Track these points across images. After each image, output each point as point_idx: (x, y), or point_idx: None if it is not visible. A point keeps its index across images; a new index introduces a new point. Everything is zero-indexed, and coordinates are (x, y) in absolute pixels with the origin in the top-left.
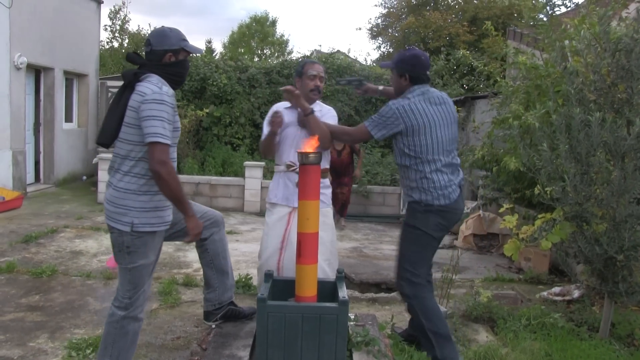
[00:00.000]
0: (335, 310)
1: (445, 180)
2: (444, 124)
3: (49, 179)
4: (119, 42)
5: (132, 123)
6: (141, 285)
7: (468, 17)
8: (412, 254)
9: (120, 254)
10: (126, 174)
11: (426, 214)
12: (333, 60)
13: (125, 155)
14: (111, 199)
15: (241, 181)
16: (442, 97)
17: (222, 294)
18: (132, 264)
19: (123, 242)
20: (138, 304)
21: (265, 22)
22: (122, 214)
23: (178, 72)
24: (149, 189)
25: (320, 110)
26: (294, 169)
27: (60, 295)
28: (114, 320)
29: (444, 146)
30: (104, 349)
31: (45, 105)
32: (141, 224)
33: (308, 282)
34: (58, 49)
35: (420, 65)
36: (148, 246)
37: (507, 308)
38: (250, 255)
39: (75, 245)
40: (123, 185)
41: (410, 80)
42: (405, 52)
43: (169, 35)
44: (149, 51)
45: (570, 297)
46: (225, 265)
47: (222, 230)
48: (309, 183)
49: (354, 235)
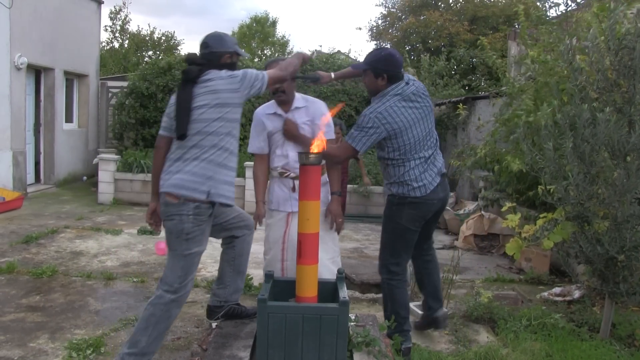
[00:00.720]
0: (335, 310)
1: (422, 173)
2: (421, 119)
3: (49, 179)
4: (120, 42)
5: (215, 104)
6: (192, 272)
7: (468, 16)
8: (390, 244)
9: (178, 241)
10: (212, 148)
11: (399, 206)
12: (334, 60)
13: (210, 132)
14: (191, 169)
15: (241, 181)
16: (418, 91)
17: (231, 293)
18: (188, 251)
19: (184, 228)
20: (187, 290)
21: (266, 22)
22: (200, 183)
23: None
24: (227, 163)
25: (305, 105)
26: (287, 175)
27: (60, 296)
28: (162, 302)
29: (423, 141)
30: (145, 328)
31: (45, 105)
32: (217, 194)
33: (308, 283)
34: (58, 49)
35: (396, 63)
36: (205, 234)
37: (508, 308)
38: (252, 256)
39: (75, 246)
40: (207, 157)
41: (388, 80)
42: (379, 51)
43: (226, 39)
44: (208, 52)
45: (571, 297)
46: (244, 267)
47: (252, 233)
48: (310, 183)
49: (354, 235)
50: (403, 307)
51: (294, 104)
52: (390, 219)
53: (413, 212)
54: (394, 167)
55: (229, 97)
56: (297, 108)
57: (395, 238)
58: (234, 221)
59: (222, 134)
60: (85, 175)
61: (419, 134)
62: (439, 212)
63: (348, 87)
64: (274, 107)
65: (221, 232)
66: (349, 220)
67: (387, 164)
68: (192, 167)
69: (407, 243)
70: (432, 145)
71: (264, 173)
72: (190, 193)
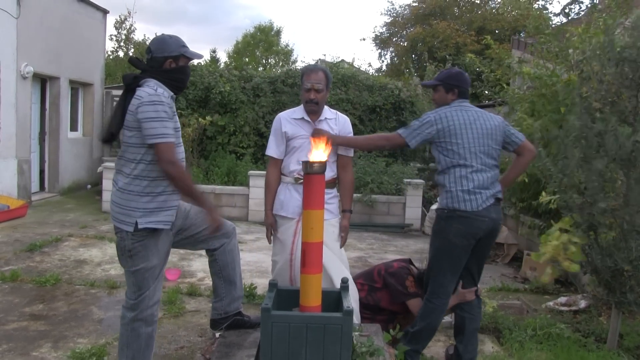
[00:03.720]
0: (339, 320)
1: (474, 187)
2: (477, 132)
3: (53, 187)
4: (125, 51)
5: (131, 126)
6: (145, 288)
7: (475, 27)
8: (436, 262)
9: (123, 257)
10: (128, 176)
11: (448, 220)
12: (337, 69)
13: (129, 158)
14: (116, 200)
15: (246, 190)
16: (480, 112)
17: (228, 304)
18: (134, 267)
19: (125, 245)
20: (144, 306)
21: (270, 31)
22: (126, 215)
23: (179, 78)
24: (151, 191)
25: (335, 118)
26: (302, 182)
27: (63, 304)
28: (125, 322)
29: (477, 153)
30: (120, 350)
31: (50, 114)
32: (145, 222)
33: (313, 292)
34: (64, 58)
35: (466, 80)
36: (149, 250)
37: (513, 318)
38: (255, 265)
39: (79, 254)
40: (126, 187)
41: (458, 94)
42: (450, 69)
43: (168, 42)
44: (150, 58)
45: (577, 307)
46: (233, 276)
47: (234, 240)
48: (313, 192)
49: (358, 244)
50: (430, 331)
51: (323, 115)
52: (438, 235)
53: (461, 227)
54: (444, 174)
55: (130, 119)
56: (327, 119)
57: (442, 255)
58: (207, 232)
59: (134, 160)
60: (90, 184)
61: (472, 142)
62: (489, 238)
63: (352, 96)
64: (302, 113)
65: (196, 245)
66: (353, 229)
67: (439, 172)
68: (117, 197)
69: (454, 262)
70: (489, 164)
71: (277, 179)
72: (119, 224)
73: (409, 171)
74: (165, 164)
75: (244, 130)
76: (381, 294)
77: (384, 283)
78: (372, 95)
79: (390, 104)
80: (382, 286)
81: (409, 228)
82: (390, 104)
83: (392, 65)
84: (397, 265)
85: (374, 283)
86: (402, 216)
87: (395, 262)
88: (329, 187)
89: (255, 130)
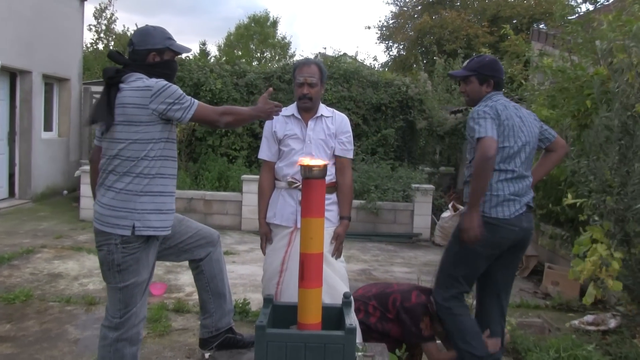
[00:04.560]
0: (341, 339)
1: (509, 193)
2: (527, 133)
3: (25, 193)
4: (105, 43)
5: (134, 121)
6: (133, 305)
7: (489, 15)
8: (450, 266)
9: (110, 273)
10: (126, 175)
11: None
12: (339, 64)
13: (128, 156)
14: (108, 202)
15: (238, 196)
16: (519, 107)
17: (219, 319)
18: (122, 283)
19: (113, 260)
20: (130, 325)
21: (265, 22)
22: (122, 217)
23: (164, 73)
24: (150, 190)
25: (332, 116)
26: (296, 186)
27: (35, 324)
28: (106, 343)
29: (520, 158)
30: None
31: (21, 112)
32: (144, 227)
33: (312, 308)
34: (36, 50)
35: (501, 70)
36: (141, 262)
37: (533, 338)
38: (248, 278)
39: (53, 267)
40: (123, 187)
41: (494, 86)
42: (482, 57)
43: (152, 34)
44: (132, 51)
45: (606, 326)
46: (222, 287)
47: (219, 249)
48: (313, 199)
49: (362, 256)
50: (475, 336)
51: (319, 112)
52: (458, 239)
53: (488, 235)
54: None
55: (135, 113)
56: (323, 116)
57: (458, 261)
58: (191, 241)
59: (136, 158)
60: (66, 189)
61: (519, 147)
62: (518, 248)
63: (355, 94)
64: (293, 110)
65: (180, 255)
66: (356, 239)
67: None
68: (110, 200)
69: (470, 271)
70: (529, 169)
71: (270, 185)
72: (112, 229)
73: (417, 175)
74: (217, 121)
75: (237, 131)
76: (392, 326)
77: (397, 317)
78: (377, 93)
79: (396, 102)
80: (394, 318)
81: (417, 238)
82: (397, 102)
83: (398, 59)
84: (416, 299)
85: (387, 312)
86: (409, 225)
87: (415, 291)
88: (328, 193)
89: (249, 131)
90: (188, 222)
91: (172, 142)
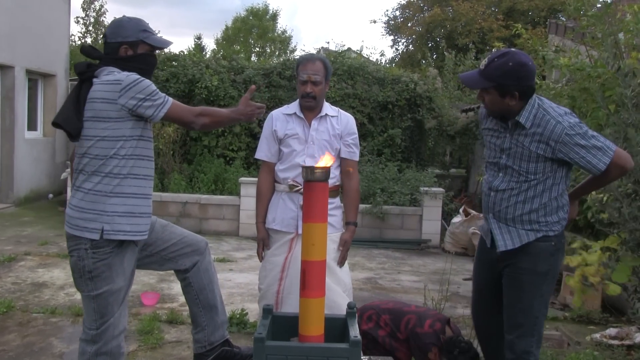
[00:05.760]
0: (345, 352)
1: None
2: None
3: (7, 197)
4: (93, 37)
5: (103, 116)
6: (109, 315)
7: (504, 8)
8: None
9: (82, 280)
10: (94, 174)
11: (558, 253)
12: (343, 59)
13: (96, 154)
14: (76, 203)
15: (236, 200)
16: None
17: (211, 333)
18: (95, 291)
19: (84, 266)
20: (109, 337)
21: (265, 15)
22: (91, 220)
23: (138, 68)
24: (121, 191)
25: (337, 116)
26: (297, 189)
27: (16, 337)
28: (85, 359)
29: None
30: None
31: (3, 110)
32: (113, 230)
33: (314, 319)
34: (19, 44)
35: (529, 75)
36: (114, 269)
37: (551, 352)
38: (246, 287)
39: (37, 276)
40: (91, 187)
41: (520, 97)
42: (503, 60)
43: (124, 26)
44: (104, 43)
45: (631, 341)
46: (213, 299)
47: (208, 257)
48: (315, 203)
49: (367, 263)
50: None
51: (323, 111)
52: (546, 277)
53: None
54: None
55: (103, 108)
56: (328, 116)
57: (545, 305)
58: (175, 249)
59: (104, 156)
60: (52, 193)
61: None
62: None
63: (360, 91)
64: (295, 108)
65: (163, 264)
66: (361, 245)
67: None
68: (78, 201)
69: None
70: None
71: (269, 187)
72: (81, 233)
73: (425, 178)
74: (192, 122)
75: (234, 131)
76: (400, 346)
77: (407, 340)
78: (384, 90)
79: (404, 100)
80: (403, 340)
81: (426, 244)
82: (405, 100)
83: (406, 55)
84: (429, 327)
85: (398, 331)
86: (418, 231)
87: (430, 318)
88: (331, 197)
89: (247, 130)
90: (172, 228)
91: (147, 140)
